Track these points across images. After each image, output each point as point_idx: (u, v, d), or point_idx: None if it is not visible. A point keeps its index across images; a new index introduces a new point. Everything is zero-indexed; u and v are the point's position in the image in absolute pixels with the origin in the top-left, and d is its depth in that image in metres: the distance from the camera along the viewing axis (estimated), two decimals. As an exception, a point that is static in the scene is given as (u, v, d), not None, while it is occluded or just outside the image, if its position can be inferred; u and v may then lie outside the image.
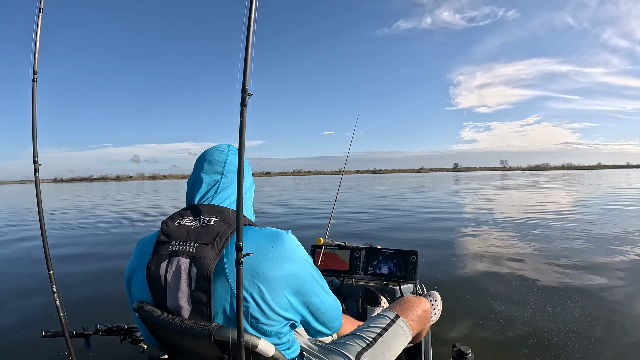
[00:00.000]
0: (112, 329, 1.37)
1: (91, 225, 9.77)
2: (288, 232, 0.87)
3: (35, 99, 1.15)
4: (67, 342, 1.27)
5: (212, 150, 1.02)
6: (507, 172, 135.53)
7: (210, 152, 1.01)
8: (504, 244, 5.54)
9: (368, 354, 1.20)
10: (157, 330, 0.85)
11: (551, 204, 11.31)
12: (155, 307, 0.83)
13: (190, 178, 1.02)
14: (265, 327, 0.81)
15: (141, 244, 0.93)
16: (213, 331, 0.74)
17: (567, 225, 7.18)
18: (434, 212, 10.02)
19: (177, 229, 0.84)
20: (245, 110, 0.68)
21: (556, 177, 45.64)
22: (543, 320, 2.73)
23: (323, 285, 0.93)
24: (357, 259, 2.29)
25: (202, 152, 1.04)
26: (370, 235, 6.78)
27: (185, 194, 1.02)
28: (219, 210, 0.88)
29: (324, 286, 0.93)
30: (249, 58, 0.67)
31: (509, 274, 3.96)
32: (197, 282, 0.78)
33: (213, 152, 1.01)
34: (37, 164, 1.23)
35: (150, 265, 0.82)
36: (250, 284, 0.78)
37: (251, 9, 0.68)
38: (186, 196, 1.01)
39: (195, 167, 1.01)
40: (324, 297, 0.92)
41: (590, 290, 3.34)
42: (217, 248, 0.79)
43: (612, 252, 4.88)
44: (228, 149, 1.01)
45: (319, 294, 0.91)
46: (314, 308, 0.90)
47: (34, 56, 1.14)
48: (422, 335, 1.63)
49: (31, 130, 1.18)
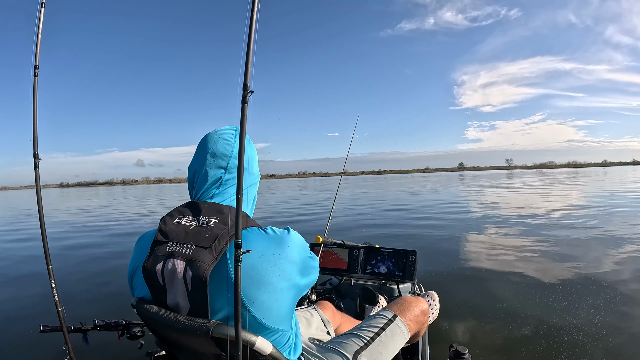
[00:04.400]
0: (110, 325, 1.37)
1: (97, 225, 9.77)
2: (290, 232, 0.86)
3: (36, 94, 1.15)
4: (65, 337, 1.27)
5: (217, 138, 0.94)
6: (513, 171, 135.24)
7: (215, 141, 0.94)
8: (505, 244, 5.54)
9: (365, 353, 1.20)
10: (155, 326, 0.84)
11: (565, 202, 11.31)
12: (153, 304, 0.82)
13: (191, 166, 0.96)
14: (270, 324, 0.81)
15: (141, 242, 0.92)
16: (211, 328, 0.74)
17: (573, 224, 7.17)
18: (435, 212, 10.02)
19: (175, 228, 0.82)
20: (247, 107, 0.68)
21: (563, 174, 45.52)
22: (541, 320, 2.73)
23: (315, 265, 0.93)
24: (356, 257, 2.29)
25: (206, 137, 0.96)
26: (369, 234, 6.79)
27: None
28: (219, 210, 0.85)
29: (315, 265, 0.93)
30: (250, 55, 0.67)
31: (508, 274, 3.96)
32: (193, 285, 0.76)
33: (218, 141, 0.93)
34: (37, 159, 1.22)
35: (145, 266, 0.80)
36: (256, 288, 0.77)
37: (253, 6, 0.68)
38: (188, 187, 0.97)
39: (198, 156, 0.95)
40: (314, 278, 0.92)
41: (593, 291, 3.33)
42: (215, 252, 0.77)
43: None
44: (235, 138, 0.94)
45: (313, 279, 0.91)
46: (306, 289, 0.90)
47: (35, 51, 1.14)
48: (420, 335, 1.63)
49: (32, 125, 1.17)
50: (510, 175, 56.35)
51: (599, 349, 2.30)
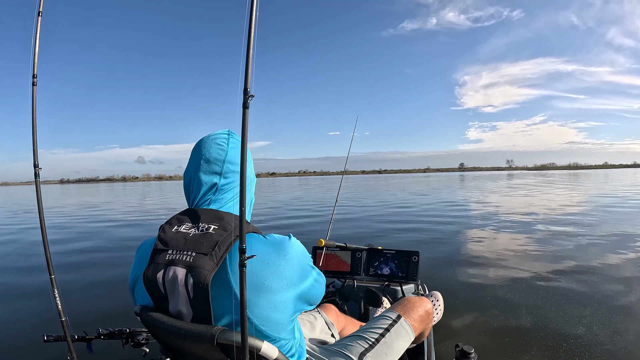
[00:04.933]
0: (114, 333, 1.36)
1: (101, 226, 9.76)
2: (291, 238, 0.85)
3: (35, 103, 1.15)
4: (69, 347, 1.27)
5: (210, 143, 0.93)
6: (514, 172, 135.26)
7: (208, 146, 0.92)
8: (509, 244, 5.54)
9: (370, 354, 1.20)
10: (159, 334, 0.84)
11: (567, 203, 11.31)
12: (157, 312, 0.82)
13: (186, 172, 0.95)
14: (269, 333, 0.81)
15: (141, 250, 0.91)
16: (216, 334, 0.73)
17: (578, 224, 7.17)
18: (436, 212, 10.02)
19: (175, 236, 0.82)
20: (247, 112, 0.67)
21: (564, 176, 45.51)
22: (547, 320, 2.72)
23: (322, 284, 0.93)
24: (359, 260, 2.29)
25: (199, 142, 0.95)
26: (371, 236, 6.78)
27: None
28: (218, 217, 0.85)
29: (321, 280, 0.93)
30: (250, 59, 0.66)
31: (512, 273, 3.95)
32: (194, 292, 0.76)
33: (211, 146, 0.92)
34: (37, 168, 1.22)
35: (146, 274, 0.80)
36: (256, 294, 0.77)
37: (252, 9, 0.67)
38: (185, 194, 0.96)
39: (192, 162, 0.94)
40: (320, 291, 0.92)
41: (598, 292, 3.32)
42: (216, 258, 0.76)
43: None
44: (227, 142, 0.93)
45: (317, 292, 0.91)
46: (311, 303, 0.90)
47: (33, 60, 1.14)
48: (425, 335, 1.62)
49: (31, 134, 1.17)
50: (511, 176, 56.38)
51: (605, 348, 2.29)
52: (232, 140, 0.94)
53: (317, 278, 0.91)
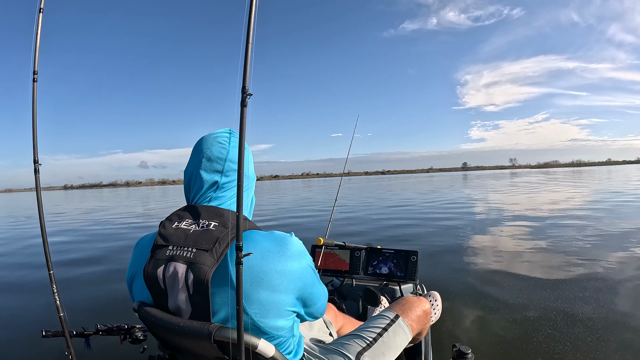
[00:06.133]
0: (113, 329, 1.37)
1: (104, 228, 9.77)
2: (292, 236, 0.86)
3: (36, 99, 1.15)
4: (68, 342, 1.27)
5: (212, 142, 0.93)
6: (517, 170, 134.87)
7: (209, 144, 0.93)
8: (508, 243, 5.53)
9: (368, 354, 1.20)
10: (157, 330, 0.84)
11: (570, 201, 11.29)
12: (155, 308, 0.83)
13: (187, 170, 0.95)
14: (267, 329, 0.81)
15: (139, 246, 0.91)
16: (213, 331, 0.74)
17: (581, 222, 7.16)
18: (437, 212, 10.01)
19: (175, 232, 0.82)
20: (245, 110, 0.68)
21: (567, 173, 45.38)
22: (545, 320, 2.72)
23: (321, 287, 0.95)
24: (357, 259, 2.29)
25: (201, 140, 0.95)
26: (370, 235, 6.79)
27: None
28: (218, 213, 0.85)
29: (322, 288, 0.95)
30: (248, 58, 0.67)
31: (511, 273, 3.95)
32: (194, 288, 0.76)
33: (213, 145, 0.93)
34: (37, 164, 1.22)
35: (146, 270, 0.80)
36: (255, 289, 0.77)
37: (251, 8, 0.68)
38: (184, 192, 0.97)
39: (193, 159, 0.94)
40: (319, 296, 0.93)
41: (599, 290, 3.31)
42: (216, 254, 0.77)
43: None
44: (229, 141, 0.93)
45: (316, 295, 0.91)
46: (308, 306, 0.91)
47: (34, 56, 1.14)
48: (422, 335, 1.63)
49: (31, 130, 1.17)
50: (514, 174, 56.33)
51: (603, 349, 2.29)
52: (234, 139, 0.94)
53: (317, 279, 0.92)
